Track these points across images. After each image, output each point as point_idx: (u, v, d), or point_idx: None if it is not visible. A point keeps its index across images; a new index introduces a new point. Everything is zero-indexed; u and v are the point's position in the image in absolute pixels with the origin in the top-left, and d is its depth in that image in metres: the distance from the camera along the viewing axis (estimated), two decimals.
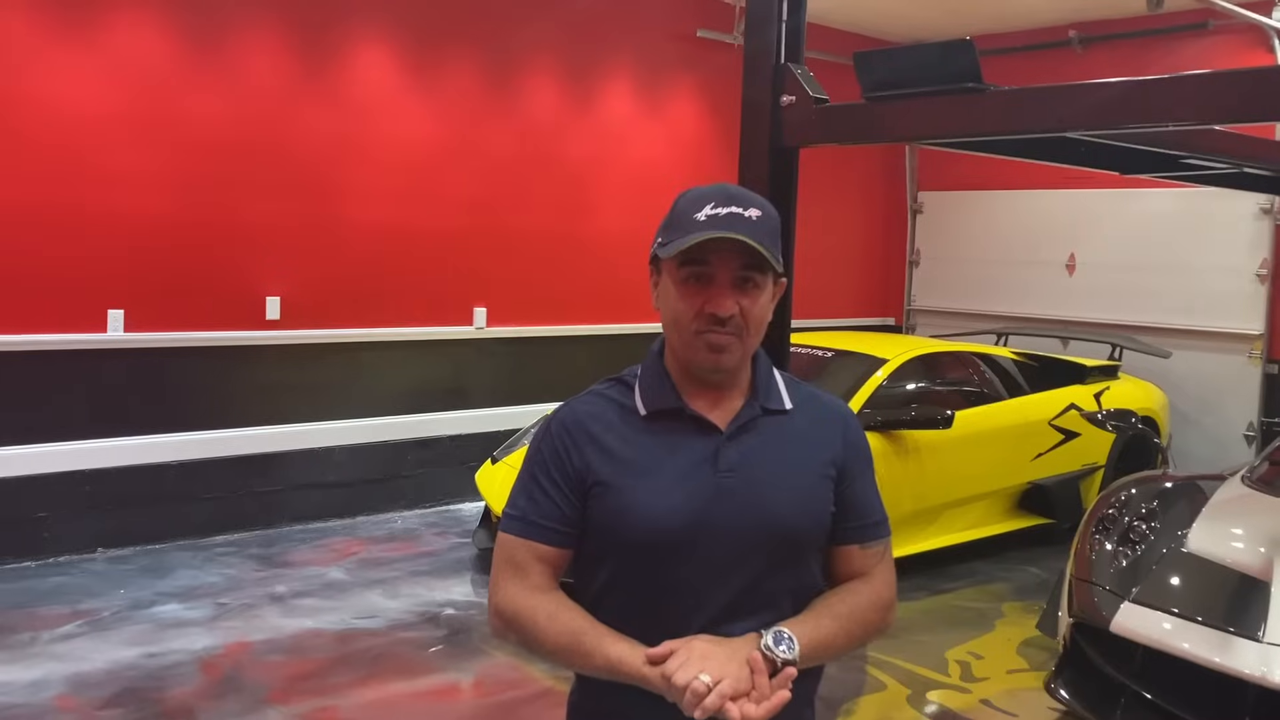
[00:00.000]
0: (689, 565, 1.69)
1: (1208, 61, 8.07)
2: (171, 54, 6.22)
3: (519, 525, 1.74)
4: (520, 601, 1.71)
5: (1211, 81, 3.38)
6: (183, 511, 6.34)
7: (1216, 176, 5.12)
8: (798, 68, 3.94)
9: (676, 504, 1.68)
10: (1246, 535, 4.23)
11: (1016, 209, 9.51)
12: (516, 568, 1.73)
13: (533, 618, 1.70)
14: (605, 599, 1.74)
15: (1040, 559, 6.57)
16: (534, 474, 1.75)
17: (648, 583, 1.71)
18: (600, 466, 1.71)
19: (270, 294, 6.66)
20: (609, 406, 1.77)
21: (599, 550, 1.75)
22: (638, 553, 1.70)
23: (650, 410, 1.74)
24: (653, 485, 1.69)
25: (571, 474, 1.72)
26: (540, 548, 1.73)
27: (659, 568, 1.70)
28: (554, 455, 1.74)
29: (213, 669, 4.65)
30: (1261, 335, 8.19)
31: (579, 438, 1.74)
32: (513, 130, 7.64)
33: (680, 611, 1.69)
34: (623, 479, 1.70)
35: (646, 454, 1.71)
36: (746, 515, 1.70)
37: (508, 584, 1.73)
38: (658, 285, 1.77)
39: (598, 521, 1.72)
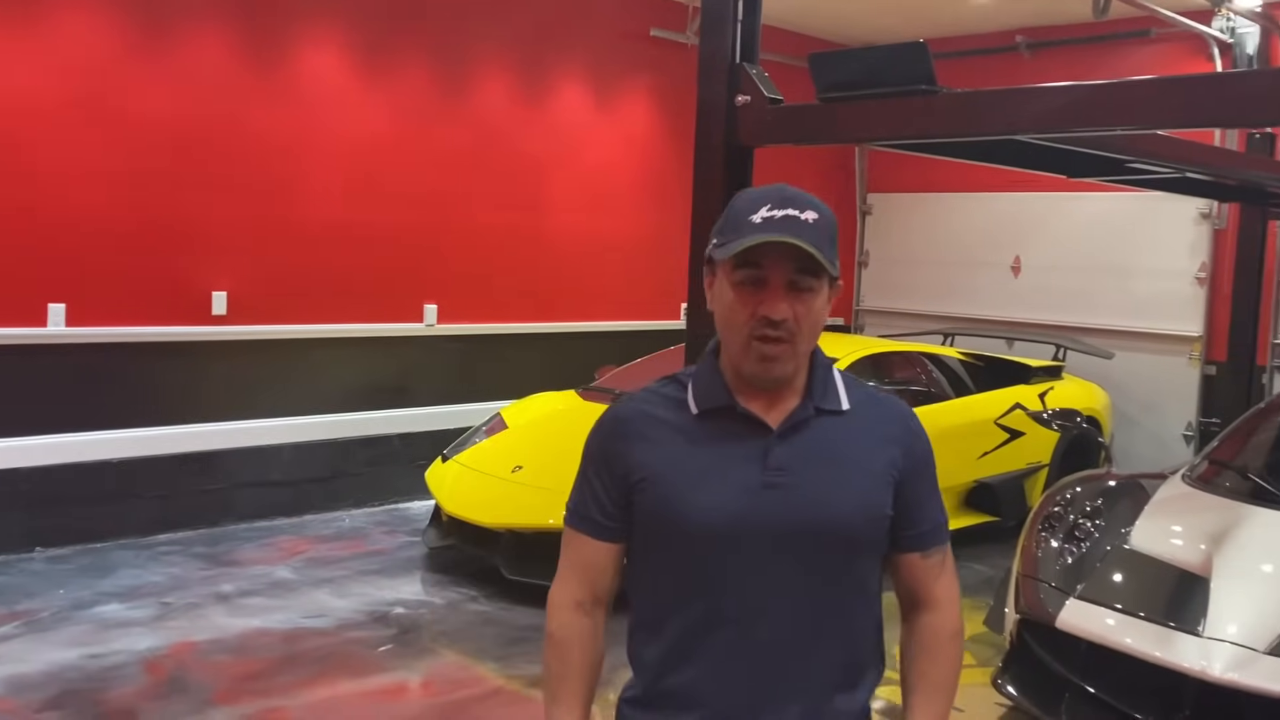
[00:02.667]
0: (732, 562, 1.69)
1: (1150, 68, 8.23)
2: (117, 45, 6.11)
3: (572, 518, 1.82)
4: (556, 617, 1.82)
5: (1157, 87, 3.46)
6: (125, 510, 6.22)
7: (1160, 181, 5.23)
8: (753, 68, 3.97)
9: (720, 501, 1.68)
10: (1187, 532, 4.32)
11: (963, 211, 9.64)
12: (568, 569, 1.83)
13: (550, 635, 1.83)
14: (653, 593, 1.78)
15: (985, 556, 6.65)
16: (585, 469, 1.81)
17: (692, 578, 1.72)
18: (646, 462, 1.73)
19: (217, 289, 6.56)
20: (661, 403, 1.78)
21: (644, 546, 1.78)
22: (682, 548, 1.72)
23: (702, 409, 1.73)
24: (698, 482, 1.70)
25: (617, 469, 1.75)
26: (589, 541, 1.79)
27: (703, 563, 1.71)
28: (602, 451, 1.79)
29: (156, 669, 4.57)
30: (1200, 337, 8.37)
31: (627, 433, 1.76)
32: (465, 127, 7.59)
33: (724, 607, 1.69)
34: (668, 474, 1.71)
35: (694, 451, 1.72)
36: (793, 514, 1.68)
37: (558, 582, 1.84)
38: (712, 287, 1.76)
39: (643, 516, 1.75)
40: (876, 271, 10.34)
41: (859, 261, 10.41)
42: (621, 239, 8.51)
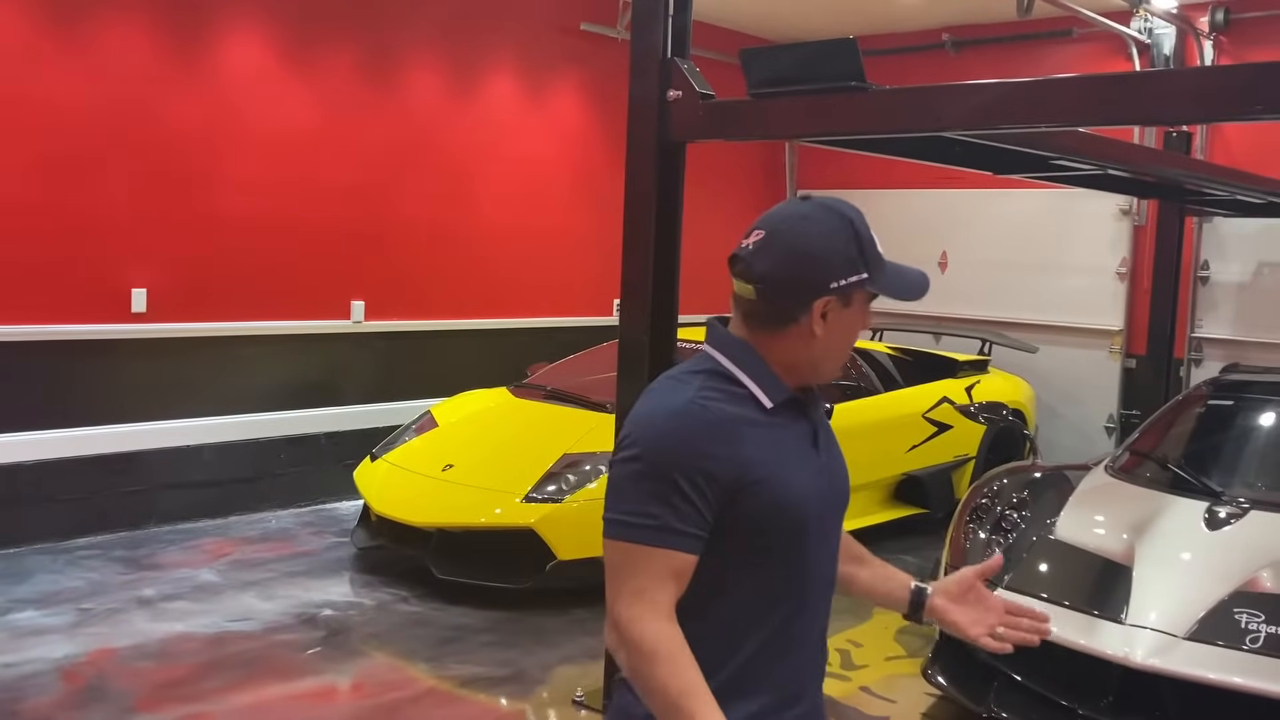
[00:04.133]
0: (814, 545, 1.79)
1: (1071, 67, 8.40)
2: (25, 29, 5.91)
3: (657, 535, 1.64)
4: (651, 629, 1.63)
5: (1079, 86, 3.52)
6: (40, 513, 6.03)
7: (1082, 178, 5.34)
8: (684, 63, 3.96)
9: (810, 487, 1.76)
10: (1110, 522, 4.42)
11: (892, 208, 9.71)
12: (651, 584, 1.65)
13: (654, 650, 1.62)
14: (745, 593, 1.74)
15: (916, 548, 6.74)
16: (671, 478, 1.63)
17: (790, 568, 1.76)
18: (758, 460, 1.69)
19: (136, 285, 6.39)
20: (732, 400, 1.73)
21: (741, 546, 1.70)
22: (787, 540, 1.74)
23: (776, 402, 1.76)
24: (791, 473, 1.74)
25: (720, 475, 1.66)
26: (681, 558, 1.66)
27: (800, 552, 1.76)
28: (697, 457, 1.65)
29: (74, 677, 4.43)
30: (1121, 331, 8.56)
31: (723, 436, 1.68)
32: (392, 119, 7.49)
33: (809, 592, 1.80)
34: (773, 470, 1.71)
35: (780, 443, 1.75)
36: (838, 491, 1.87)
37: (636, 603, 1.64)
38: (827, 317, 1.74)
39: (753, 515, 1.69)
40: None
41: None
42: (552, 234, 8.46)
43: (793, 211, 1.79)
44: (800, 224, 1.75)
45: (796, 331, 1.74)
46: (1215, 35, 8.04)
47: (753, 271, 1.74)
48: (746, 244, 1.77)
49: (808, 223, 1.75)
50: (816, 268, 1.72)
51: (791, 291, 1.73)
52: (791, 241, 1.74)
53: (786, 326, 1.74)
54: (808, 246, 1.73)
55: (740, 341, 1.78)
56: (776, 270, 1.73)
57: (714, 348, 1.79)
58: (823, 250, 1.73)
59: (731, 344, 1.78)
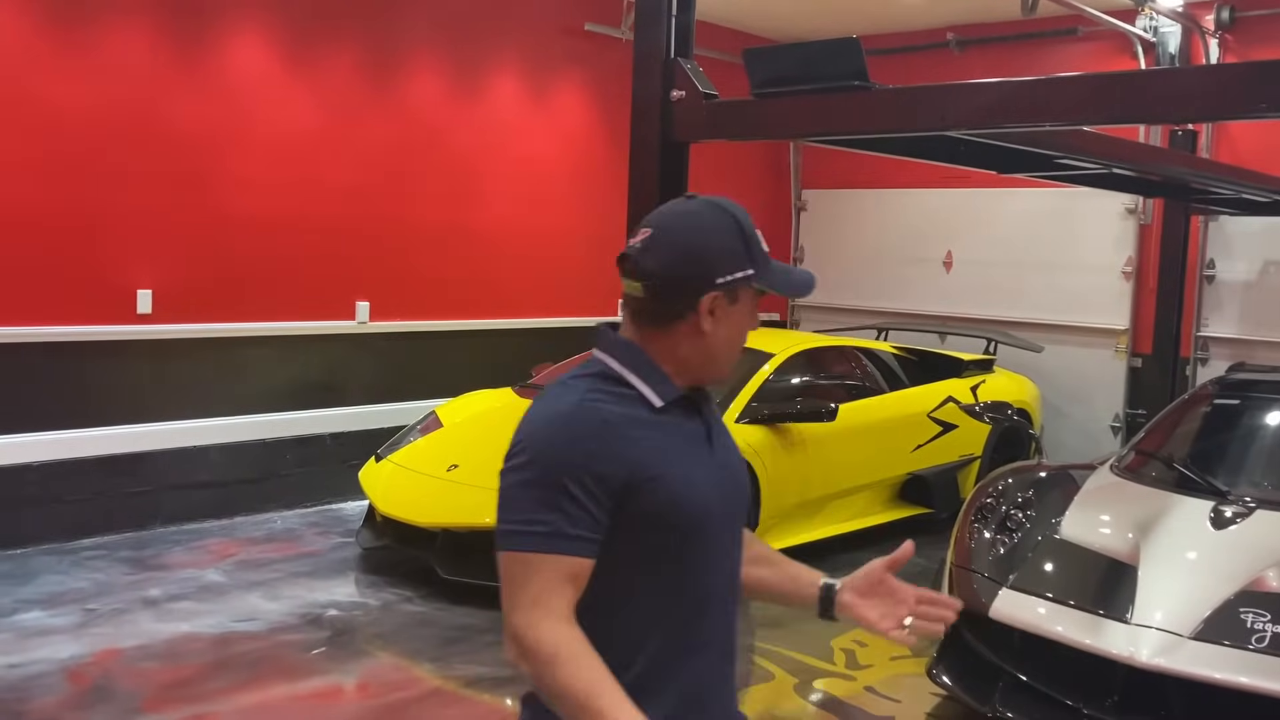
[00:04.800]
0: (713, 544, 1.78)
1: (1076, 66, 8.39)
2: (31, 32, 5.92)
3: (548, 541, 1.62)
4: (549, 634, 1.61)
5: (1084, 84, 3.51)
6: (46, 514, 6.04)
7: (1087, 177, 5.33)
8: (687, 63, 3.96)
9: (707, 486, 1.75)
10: (1115, 522, 4.41)
11: (897, 207, 9.74)
12: (546, 590, 1.62)
13: (555, 653, 1.60)
14: (643, 595, 1.72)
15: (920, 548, 6.60)
16: (561, 483, 1.62)
17: (687, 569, 1.74)
18: (648, 460, 1.68)
19: (141, 287, 6.40)
20: (621, 402, 1.72)
21: (636, 548, 1.69)
22: (681, 541, 1.72)
23: (665, 402, 1.74)
24: (685, 472, 1.72)
25: (610, 476, 1.64)
26: (576, 563, 1.64)
27: (697, 552, 1.75)
28: (588, 459, 1.63)
29: (80, 678, 4.44)
30: (1126, 330, 8.55)
31: (613, 437, 1.66)
32: (396, 120, 7.49)
33: (712, 590, 1.79)
34: (667, 468, 1.70)
35: (670, 442, 1.73)
36: (735, 489, 1.85)
37: (533, 610, 1.62)
38: (715, 313, 1.73)
39: (646, 516, 1.67)
40: (811, 267, 10.33)
41: (794, 258, 10.47)
42: (556, 234, 8.46)
43: (679, 209, 1.78)
44: (687, 221, 1.75)
45: (685, 328, 1.74)
46: (1221, 33, 8.03)
47: (640, 269, 1.73)
48: (634, 243, 1.76)
49: (694, 220, 1.75)
50: (703, 264, 1.72)
51: (679, 288, 1.72)
52: (678, 238, 1.73)
53: (675, 324, 1.74)
54: (694, 243, 1.73)
55: (627, 342, 1.77)
56: (664, 267, 1.72)
57: (602, 351, 1.78)
58: (709, 247, 1.73)
59: (618, 346, 1.77)
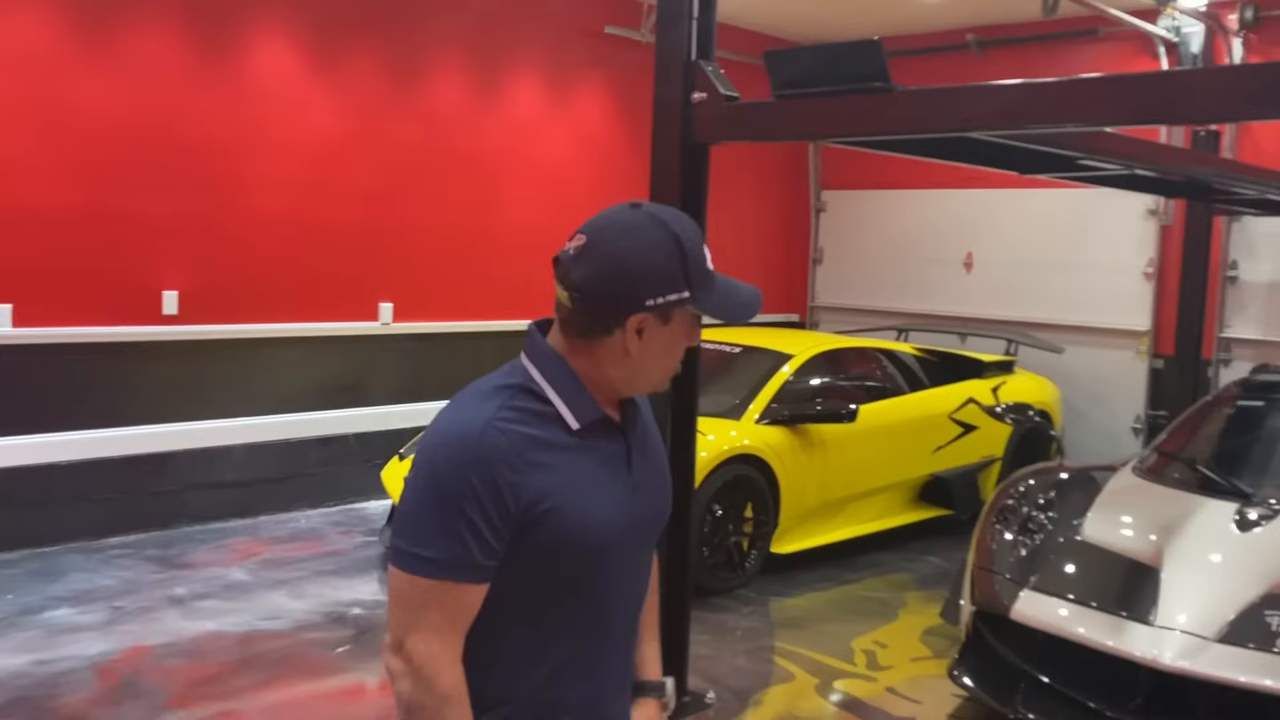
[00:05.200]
0: (617, 566, 1.72)
1: (1098, 67, 8.35)
2: (60, 37, 5.99)
3: (445, 569, 1.57)
4: (450, 674, 1.59)
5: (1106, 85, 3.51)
6: (74, 513, 6.11)
7: (1109, 177, 5.31)
8: (709, 65, 3.98)
9: (613, 511, 1.69)
10: (1137, 523, 4.40)
11: (917, 208, 9.72)
12: (446, 621, 1.59)
13: (448, 694, 1.59)
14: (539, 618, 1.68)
15: (941, 549, 6.73)
16: (460, 508, 1.56)
17: (585, 594, 1.70)
18: (550, 489, 1.61)
19: (167, 288, 6.46)
20: (534, 421, 1.64)
21: (531, 573, 1.64)
22: (581, 565, 1.67)
23: (583, 424, 1.67)
24: (594, 498, 1.67)
25: (512, 503, 1.58)
26: (471, 590, 1.59)
27: (596, 576, 1.69)
28: (487, 485, 1.56)
29: (108, 675, 4.49)
30: (1148, 331, 8.51)
31: (517, 465, 1.59)
32: (418, 123, 7.54)
33: (611, 613, 1.75)
34: (570, 497, 1.63)
35: (582, 467, 1.67)
36: (651, 511, 1.79)
37: (434, 639, 1.59)
38: (645, 333, 1.65)
39: (544, 543, 1.62)
40: (830, 268, 10.40)
41: (813, 259, 10.47)
42: None
43: (618, 220, 1.66)
44: (623, 235, 1.64)
45: (611, 345, 1.65)
46: (1244, 33, 7.98)
47: (569, 279, 1.64)
48: (568, 247, 1.66)
49: (631, 235, 1.63)
50: (634, 283, 1.62)
51: (606, 305, 1.63)
52: (610, 252, 1.62)
53: (600, 338, 1.65)
54: (626, 260, 1.62)
55: (554, 354, 1.69)
56: (592, 281, 1.62)
57: (529, 359, 1.70)
58: (642, 265, 1.62)
59: (545, 357, 1.69)
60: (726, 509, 5.74)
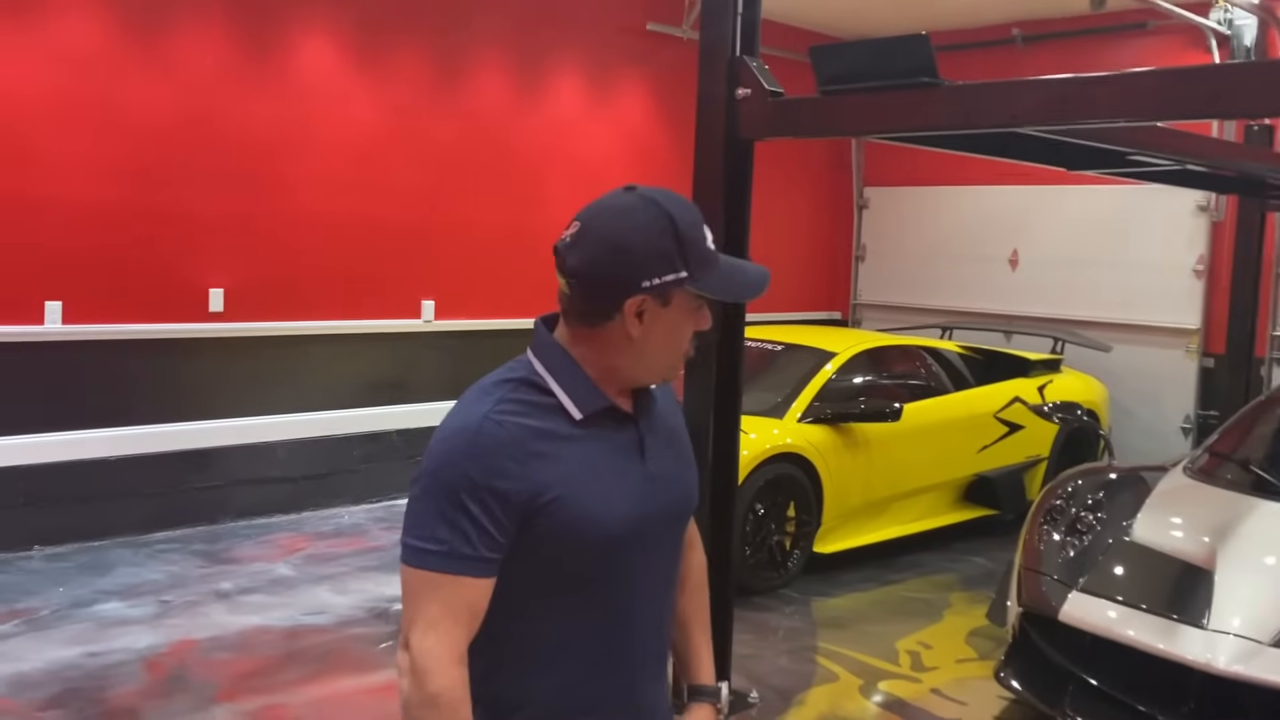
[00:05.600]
0: (637, 559, 1.69)
1: (1147, 60, 8.22)
2: (110, 38, 6.08)
3: (446, 560, 1.56)
4: (440, 673, 1.56)
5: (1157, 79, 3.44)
6: (122, 508, 6.20)
7: (1159, 173, 5.22)
8: (753, 60, 3.95)
9: (625, 502, 1.66)
10: (1189, 525, 4.32)
11: (961, 205, 9.63)
12: (446, 616, 1.57)
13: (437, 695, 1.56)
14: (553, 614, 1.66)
15: (985, 550, 6.66)
16: (459, 500, 1.56)
17: (602, 588, 1.67)
18: (552, 480, 1.60)
19: (213, 285, 6.54)
20: (534, 413, 1.63)
21: (542, 567, 1.63)
22: (592, 559, 1.64)
23: (585, 414, 1.65)
24: (601, 489, 1.64)
25: (514, 494, 1.57)
26: (473, 583, 1.58)
27: (612, 570, 1.66)
28: (488, 476, 1.57)
29: (157, 668, 4.55)
30: (1198, 330, 8.37)
31: (518, 456, 1.58)
32: (460, 121, 7.57)
33: (629, 606, 1.71)
34: (574, 488, 1.61)
35: (587, 457, 1.64)
36: (671, 500, 1.75)
37: (429, 634, 1.57)
38: (644, 315, 1.63)
39: (550, 536, 1.60)
40: (873, 265, 10.33)
41: (856, 256, 10.40)
42: None
43: (611, 204, 1.66)
44: (616, 218, 1.63)
45: (611, 331, 1.64)
46: None
47: (566, 265, 1.64)
48: (565, 235, 1.66)
49: (624, 216, 1.63)
50: (628, 264, 1.60)
51: (603, 289, 1.63)
52: (604, 235, 1.62)
53: (602, 324, 1.64)
54: (620, 241, 1.61)
55: (554, 344, 1.69)
56: (587, 265, 1.62)
57: (533, 352, 1.71)
58: (636, 246, 1.61)
59: (546, 347, 1.69)
60: (769, 508, 5.71)
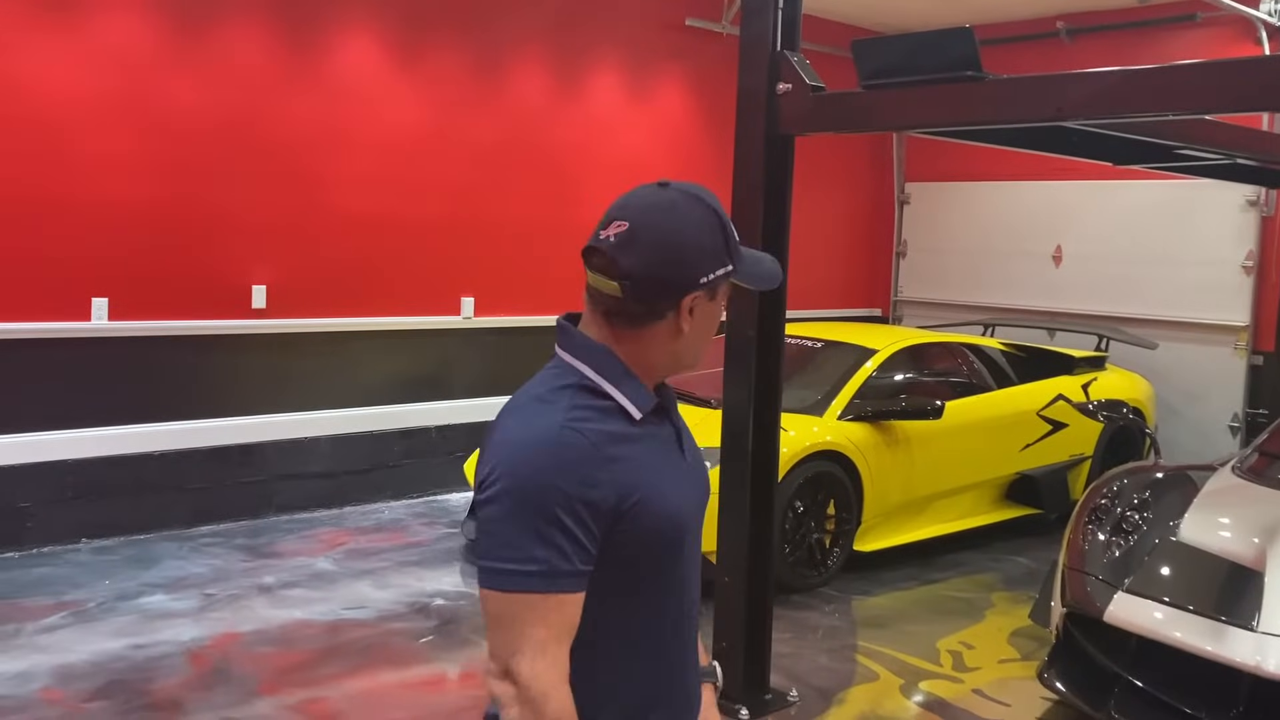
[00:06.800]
0: (689, 550, 1.72)
1: (1195, 53, 8.09)
2: (155, 38, 6.15)
3: (547, 580, 1.52)
4: (559, 697, 1.52)
5: (1207, 71, 3.39)
6: (167, 502, 6.28)
7: (1208, 168, 5.14)
8: (794, 55, 3.93)
9: (679, 496, 1.68)
10: (1238, 525, 4.24)
11: (1003, 200, 9.53)
12: (551, 638, 1.53)
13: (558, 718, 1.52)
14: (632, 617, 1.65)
15: (1027, 549, 6.59)
16: (554, 514, 1.51)
17: (669, 582, 1.68)
18: (634, 481, 1.59)
19: (256, 282, 6.60)
20: (602, 418, 1.61)
21: (626, 571, 1.61)
22: (665, 556, 1.65)
23: (644, 413, 1.65)
24: (665, 486, 1.64)
25: (603, 500, 1.54)
26: (572, 600, 1.54)
27: (674, 562, 1.68)
28: (579, 487, 1.53)
29: (201, 660, 4.61)
30: (1247, 327, 8.23)
31: (600, 462, 1.56)
32: (500, 118, 7.59)
33: (683, 598, 1.73)
34: (650, 488, 1.61)
35: (650, 457, 1.64)
36: (703, 489, 1.79)
37: (540, 659, 1.52)
38: (696, 308, 1.64)
39: (637, 539, 1.59)
40: (915, 262, 10.25)
41: (897, 252, 10.32)
42: None
43: (657, 201, 1.63)
44: (667, 217, 1.61)
45: (662, 328, 1.63)
46: None
47: (617, 268, 1.59)
48: (607, 236, 1.62)
49: (675, 215, 1.61)
50: (687, 264, 1.60)
51: (661, 289, 1.60)
52: (660, 236, 1.60)
53: (652, 324, 1.63)
54: (677, 241, 1.60)
55: (600, 347, 1.65)
56: (644, 267, 1.59)
57: (575, 357, 1.65)
58: (691, 244, 1.61)
59: (592, 351, 1.65)
60: (809, 506, 5.68)
